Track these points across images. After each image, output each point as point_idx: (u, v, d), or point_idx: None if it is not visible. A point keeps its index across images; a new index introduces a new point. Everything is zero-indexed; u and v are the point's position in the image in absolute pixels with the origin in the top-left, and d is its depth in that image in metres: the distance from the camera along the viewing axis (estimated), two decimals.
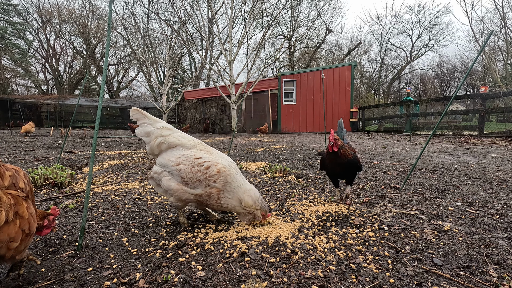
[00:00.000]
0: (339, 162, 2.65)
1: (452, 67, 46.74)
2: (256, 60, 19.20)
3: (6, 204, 1.27)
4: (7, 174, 1.35)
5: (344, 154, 2.64)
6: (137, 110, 2.33)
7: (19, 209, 1.34)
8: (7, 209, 1.26)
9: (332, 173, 2.82)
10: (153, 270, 1.62)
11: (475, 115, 13.99)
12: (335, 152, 2.64)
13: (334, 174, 2.81)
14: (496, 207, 2.74)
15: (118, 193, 3.29)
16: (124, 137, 14.11)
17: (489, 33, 2.80)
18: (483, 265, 1.69)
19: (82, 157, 6.26)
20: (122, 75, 43.37)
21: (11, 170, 1.41)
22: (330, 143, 2.61)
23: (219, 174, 2.13)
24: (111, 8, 1.99)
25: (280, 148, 8.44)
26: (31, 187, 1.52)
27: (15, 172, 1.43)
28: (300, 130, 20.17)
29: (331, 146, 2.63)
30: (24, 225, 1.36)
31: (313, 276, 1.56)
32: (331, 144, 2.61)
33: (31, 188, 1.51)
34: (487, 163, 5.30)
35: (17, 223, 1.32)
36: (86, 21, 37.74)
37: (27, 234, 1.39)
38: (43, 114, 28.83)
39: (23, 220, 1.36)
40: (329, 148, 2.65)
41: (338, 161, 2.65)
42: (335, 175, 2.83)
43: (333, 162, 2.69)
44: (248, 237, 2.05)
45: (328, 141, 2.73)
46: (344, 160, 2.64)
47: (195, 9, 19.35)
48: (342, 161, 2.64)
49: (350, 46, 43.44)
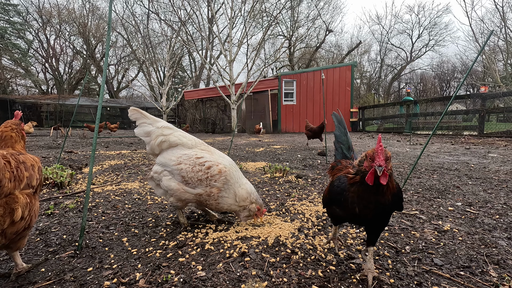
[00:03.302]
0: (379, 202, 1.42)
1: (452, 67, 46.77)
2: (256, 60, 19.23)
3: (23, 204, 1.41)
4: (25, 176, 1.47)
5: (393, 188, 1.44)
6: (136, 110, 2.32)
7: (30, 207, 1.47)
8: (23, 208, 1.40)
9: (354, 217, 1.53)
10: (153, 270, 1.62)
11: (475, 115, 13.98)
12: (377, 186, 1.38)
13: (356, 218, 1.53)
14: (496, 207, 2.74)
15: (118, 193, 3.29)
16: (124, 137, 14.11)
17: (489, 33, 2.80)
18: (483, 265, 1.69)
19: (82, 157, 6.26)
20: (122, 75, 43.37)
21: (29, 170, 1.51)
22: (378, 168, 1.31)
23: (220, 174, 2.13)
24: (111, 8, 1.99)
25: (280, 148, 8.44)
26: (41, 180, 1.62)
27: (32, 169, 1.53)
28: (300, 130, 20.15)
29: (374, 173, 1.35)
30: (27, 221, 1.47)
31: (313, 276, 1.56)
32: (378, 171, 1.31)
33: (41, 181, 1.61)
34: (487, 163, 5.29)
35: (26, 220, 1.45)
36: (86, 21, 37.72)
37: (29, 227, 1.51)
38: (43, 114, 28.80)
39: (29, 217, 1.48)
40: (369, 176, 1.37)
41: (376, 200, 1.41)
42: (356, 220, 1.57)
43: (365, 201, 1.43)
44: (248, 237, 2.05)
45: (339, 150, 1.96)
46: (387, 198, 1.42)
47: (195, 9, 19.36)
48: (385, 200, 1.42)
49: (350, 46, 43.43)
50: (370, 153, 1.38)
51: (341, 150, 2.00)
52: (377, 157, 1.33)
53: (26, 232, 1.50)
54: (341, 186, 1.57)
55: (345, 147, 2.00)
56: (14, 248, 1.52)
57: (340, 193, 1.55)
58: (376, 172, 1.33)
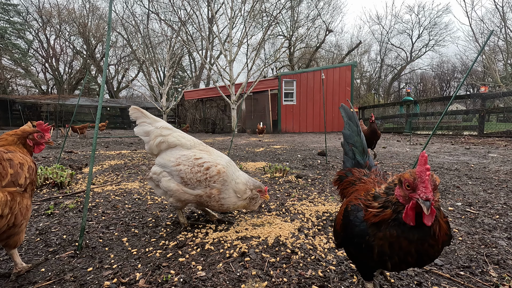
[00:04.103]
0: (425, 254, 0.98)
1: (452, 67, 46.79)
2: (256, 60, 19.22)
3: (3, 202, 1.37)
4: (8, 173, 1.44)
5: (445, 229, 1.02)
6: (137, 109, 2.33)
7: (12, 205, 1.44)
8: (2, 205, 1.37)
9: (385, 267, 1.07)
10: (153, 270, 1.62)
11: (475, 115, 13.99)
12: (422, 228, 0.95)
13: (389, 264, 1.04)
14: (496, 207, 2.74)
15: (118, 193, 3.29)
16: (124, 137, 14.10)
17: (489, 33, 2.80)
18: (483, 265, 1.69)
19: (82, 157, 6.26)
20: (122, 75, 43.36)
21: (15, 167, 1.48)
22: (424, 204, 0.88)
23: (219, 174, 2.13)
24: (111, 8, 1.99)
25: (280, 148, 8.44)
26: (33, 179, 1.59)
27: (20, 167, 1.51)
28: (300, 130, 20.16)
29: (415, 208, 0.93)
30: (10, 220, 1.44)
31: (313, 276, 1.56)
32: (425, 208, 0.88)
33: (33, 180, 1.59)
34: (487, 163, 5.29)
35: (8, 218, 1.42)
36: (86, 21, 37.73)
37: (14, 225, 1.48)
38: (43, 114, 28.80)
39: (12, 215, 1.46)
40: (409, 213, 0.94)
41: (420, 251, 0.97)
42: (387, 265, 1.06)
43: (403, 252, 0.98)
44: (248, 237, 2.05)
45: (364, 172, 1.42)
46: (437, 248, 1.00)
47: (195, 9, 19.35)
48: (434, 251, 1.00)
49: (350, 46, 43.44)
50: (408, 177, 0.92)
51: (353, 154, 1.56)
52: (422, 187, 0.88)
53: (14, 230, 1.47)
54: (360, 225, 1.05)
55: (358, 150, 1.56)
56: (8, 246, 1.51)
57: (360, 236, 1.04)
58: (419, 208, 0.88)
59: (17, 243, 1.53)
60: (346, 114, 1.66)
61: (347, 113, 1.66)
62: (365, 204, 1.06)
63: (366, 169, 1.49)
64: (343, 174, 1.56)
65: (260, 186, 2.25)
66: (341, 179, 1.55)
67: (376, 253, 1.00)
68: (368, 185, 1.15)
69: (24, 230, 1.55)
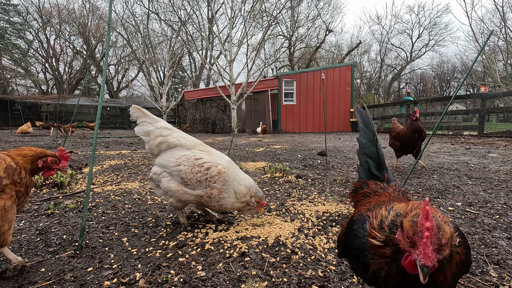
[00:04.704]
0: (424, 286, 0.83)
1: (452, 67, 46.80)
2: (256, 60, 19.23)
3: None
4: None
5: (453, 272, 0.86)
6: (138, 108, 2.33)
7: None
8: None
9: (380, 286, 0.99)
10: (153, 270, 1.62)
11: (475, 115, 14.00)
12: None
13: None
14: (496, 207, 2.74)
15: (118, 193, 3.29)
16: (124, 137, 14.11)
17: (489, 33, 2.80)
18: (483, 265, 1.69)
19: (82, 157, 6.26)
20: (122, 75, 43.38)
21: None
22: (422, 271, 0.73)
23: (219, 175, 2.13)
24: (111, 8, 1.99)
25: (280, 148, 8.44)
26: (15, 179, 1.54)
27: None
28: (300, 130, 20.16)
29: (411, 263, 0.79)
30: None
31: (313, 276, 1.56)
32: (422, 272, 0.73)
33: (15, 180, 1.54)
34: (487, 163, 5.29)
35: None
36: (86, 21, 37.74)
37: None
38: (43, 114, 28.81)
39: None
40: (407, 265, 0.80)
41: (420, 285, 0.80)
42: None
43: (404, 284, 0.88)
44: (248, 237, 2.05)
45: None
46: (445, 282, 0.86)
47: (195, 9, 19.36)
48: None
49: (350, 46, 43.45)
50: (408, 228, 0.77)
51: (367, 166, 1.40)
52: (421, 249, 0.72)
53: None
54: (362, 238, 0.98)
55: (374, 163, 1.37)
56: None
57: (359, 249, 0.99)
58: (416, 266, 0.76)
59: (2, 244, 1.51)
60: (362, 119, 1.44)
61: (363, 117, 1.44)
62: (370, 227, 0.96)
63: (384, 182, 1.34)
64: (358, 186, 1.42)
65: (261, 197, 2.24)
66: (356, 191, 1.42)
67: (371, 271, 0.94)
68: (382, 198, 1.04)
69: (7, 232, 1.51)
